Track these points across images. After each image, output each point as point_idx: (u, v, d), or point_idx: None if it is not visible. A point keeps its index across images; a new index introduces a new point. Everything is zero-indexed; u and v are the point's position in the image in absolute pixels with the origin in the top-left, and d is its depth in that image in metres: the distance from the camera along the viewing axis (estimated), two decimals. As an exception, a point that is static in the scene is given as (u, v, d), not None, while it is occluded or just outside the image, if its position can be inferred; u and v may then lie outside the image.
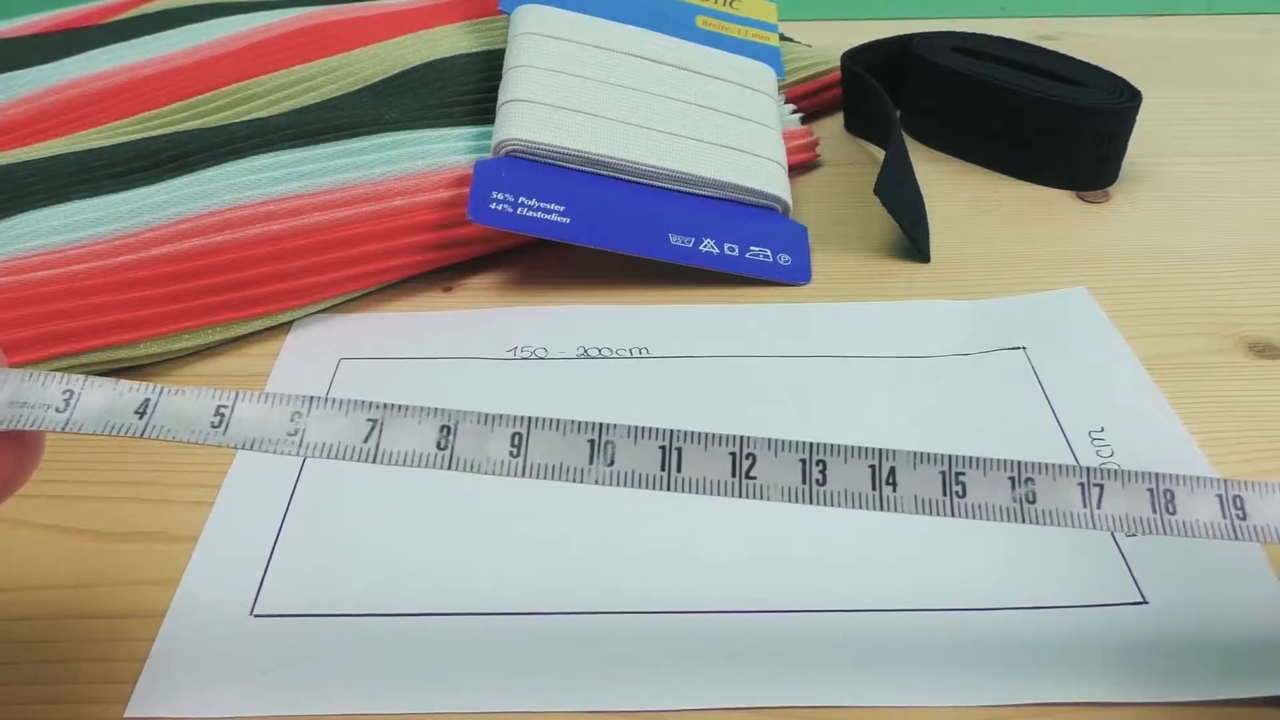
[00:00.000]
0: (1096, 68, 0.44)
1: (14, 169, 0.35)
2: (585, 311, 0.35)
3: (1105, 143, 0.43)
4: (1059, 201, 0.43)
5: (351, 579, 0.25)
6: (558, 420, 0.21)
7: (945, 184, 0.44)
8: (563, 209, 0.36)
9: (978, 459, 0.20)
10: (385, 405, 0.20)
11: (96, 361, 0.32)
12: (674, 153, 0.38)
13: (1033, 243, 0.40)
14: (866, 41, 0.49)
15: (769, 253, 0.37)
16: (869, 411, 0.30)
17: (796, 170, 0.44)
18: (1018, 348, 0.33)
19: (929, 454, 0.20)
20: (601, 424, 0.21)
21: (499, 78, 0.40)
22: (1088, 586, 0.25)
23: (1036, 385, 0.31)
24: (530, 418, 0.20)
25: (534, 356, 0.33)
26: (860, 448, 0.20)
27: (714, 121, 0.40)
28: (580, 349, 0.33)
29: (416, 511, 0.27)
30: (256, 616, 0.24)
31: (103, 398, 0.20)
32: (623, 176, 0.38)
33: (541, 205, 0.36)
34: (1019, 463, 0.20)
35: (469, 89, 0.41)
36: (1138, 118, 0.42)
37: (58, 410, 0.19)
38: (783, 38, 0.50)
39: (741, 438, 0.21)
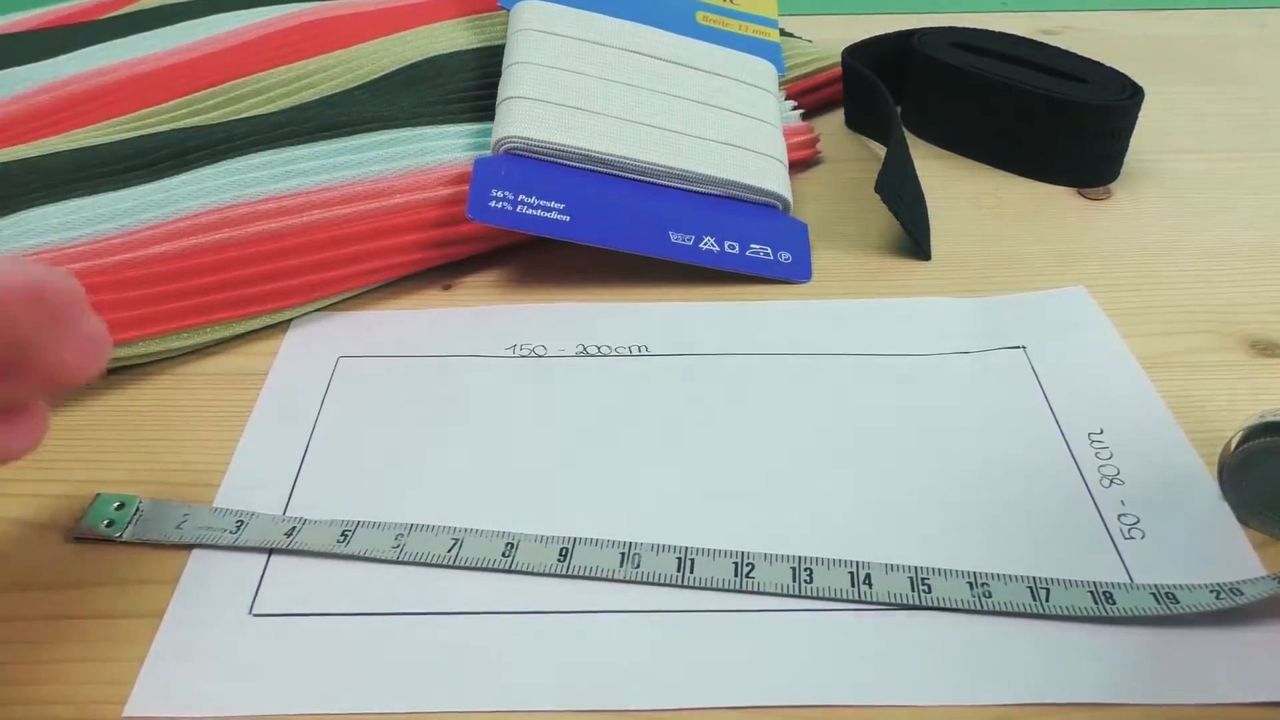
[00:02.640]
0: (1098, 64, 0.44)
1: (11, 167, 0.35)
2: (585, 309, 0.35)
3: (1107, 139, 0.43)
4: (1060, 198, 0.43)
5: (350, 578, 0.25)
6: (596, 539, 0.26)
7: (946, 181, 0.44)
8: (562, 207, 0.36)
9: (940, 569, 0.25)
10: (466, 529, 0.26)
11: (95, 360, 0.31)
12: (674, 150, 0.38)
13: (1034, 240, 0.39)
14: (867, 37, 0.49)
15: (769, 250, 0.37)
16: (869, 409, 0.30)
17: (797, 167, 0.44)
18: (1017, 347, 0.33)
19: (898, 564, 0.25)
20: (630, 542, 0.26)
21: (498, 74, 0.40)
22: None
23: (1036, 386, 0.31)
24: (575, 537, 0.26)
25: (533, 354, 0.33)
26: (840, 560, 0.25)
27: (714, 118, 0.40)
28: (579, 347, 0.33)
29: (414, 512, 0.27)
30: (255, 616, 0.24)
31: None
32: (623, 174, 0.38)
33: (541, 203, 0.35)
34: (975, 573, 0.25)
35: (468, 86, 0.41)
36: (1140, 114, 0.42)
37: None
38: (783, 33, 0.49)
39: (742, 552, 0.26)
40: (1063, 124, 0.42)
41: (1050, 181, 0.44)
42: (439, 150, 0.37)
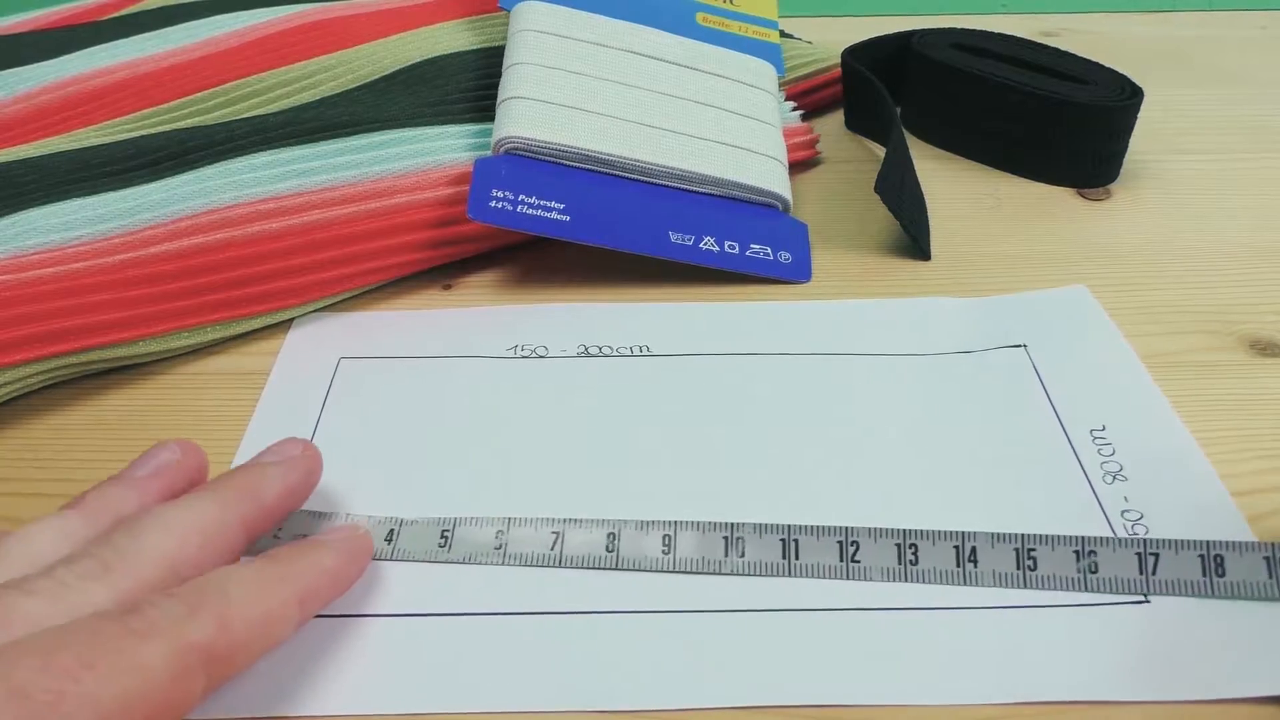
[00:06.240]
0: (1098, 65, 0.44)
1: (13, 167, 0.35)
2: (586, 310, 0.35)
3: (1106, 140, 0.43)
4: (1060, 199, 0.43)
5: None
6: (698, 522, 0.26)
7: (946, 181, 0.44)
8: (563, 207, 0.36)
9: (1047, 536, 0.25)
10: (565, 520, 0.26)
11: (95, 360, 0.31)
12: (674, 150, 0.38)
13: (1034, 240, 0.39)
14: (867, 38, 0.49)
15: (769, 250, 0.37)
16: (870, 409, 0.30)
17: (797, 168, 0.44)
18: (1018, 346, 0.33)
19: (1005, 534, 0.25)
20: (733, 523, 0.26)
21: (499, 75, 0.40)
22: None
23: (1038, 383, 0.31)
24: (676, 521, 0.26)
25: (534, 355, 0.33)
26: (946, 531, 0.25)
27: (714, 119, 0.40)
28: (581, 347, 0.33)
29: (416, 514, 0.27)
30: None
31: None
32: (623, 174, 0.38)
33: (541, 203, 0.36)
34: (1084, 538, 0.25)
35: (469, 86, 0.41)
36: (1139, 115, 0.42)
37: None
38: (783, 34, 0.49)
39: (846, 528, 0.25)
40: (1062, 125, 0.42)
41: (1050, 182, 0.44)
42: (439, 150, 0.37)
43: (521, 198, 0.35)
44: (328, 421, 0.30)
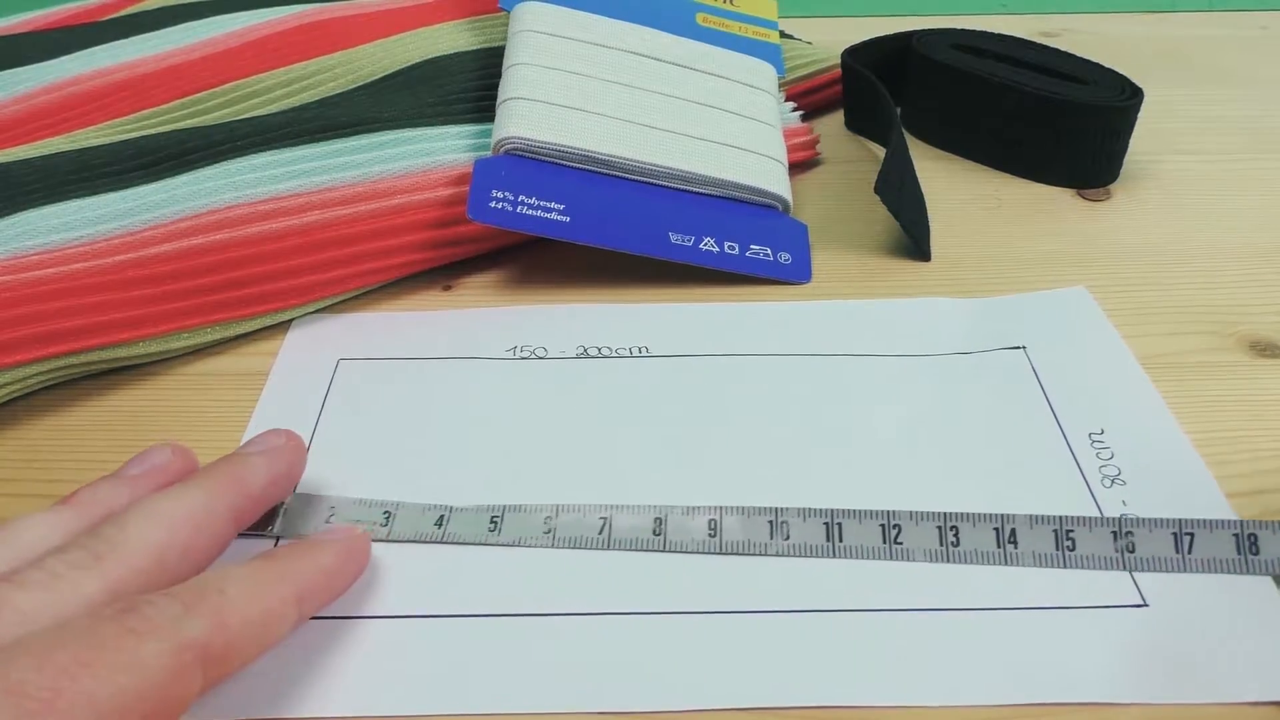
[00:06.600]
0: (1098, 65, 0.44)
1: (12, 167, 0.35)
2: (585, 310, 0.35)
3: (1107, 140, 0.43)
4: (1060, 199, 0.43)
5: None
6: (743, 506, 0.26)
7: (946, 182, 0.44)
8: (562, 207, 0.36)
9: (1085, 518, 0.25)
10: (613, 506, 0.27)
11: (95, 361, 0.31)
12: (674, 151, 0.38)
13: (1034, 241, 0.39)
14: (867, 39, 0.49)
15: (769, 251, 0.37)
16: (869, 410, 0.30)
17: (797, 168, 0.44)
18: (1018, 347, 0.33)
19: (1044, 516, 0.25)
20: (777, 508, 0.26)
21: (499, 75, 0.40)
22: (1088, 588, 0.25)
23: (1036, 386, 0.31)
24: (721, 506, 0.26)
25: (534, 356, 0.33)
26: (986, 514, 0.26)
27: (714, 119, 0.40)
28: (580, 348, 0.33)
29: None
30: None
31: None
32: (623, 175, 0.38)
33: (541, 204, 0.36)
34: (1120, 519, 0.25)
35: (469, 87, 0.41)
36: (1139, 115, 0.42)
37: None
38: (783, 35, 0.49)
39: (889, 511, 0.26)
40: (1062, 125, 0.42)
41: (1050, 182, 0.44)
42: (439, 151, 0.37)
43: (521, 198, 0.35)
44: (327, 422, 0.30)
